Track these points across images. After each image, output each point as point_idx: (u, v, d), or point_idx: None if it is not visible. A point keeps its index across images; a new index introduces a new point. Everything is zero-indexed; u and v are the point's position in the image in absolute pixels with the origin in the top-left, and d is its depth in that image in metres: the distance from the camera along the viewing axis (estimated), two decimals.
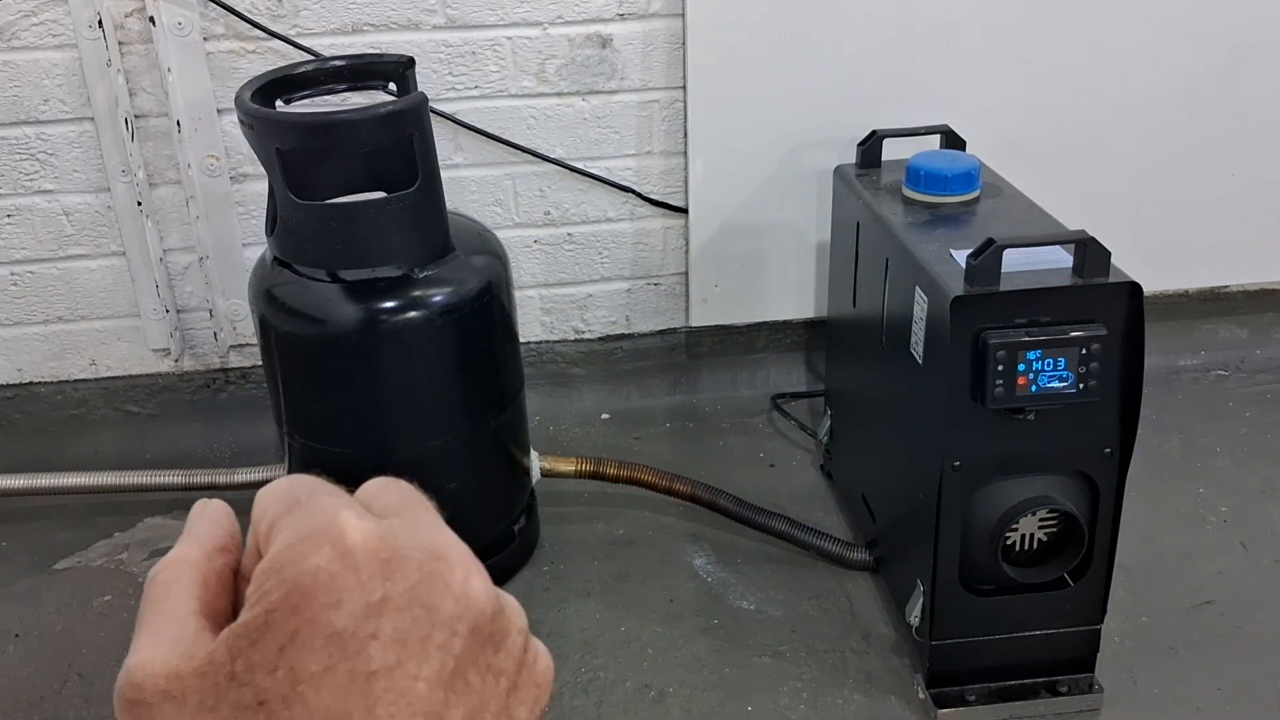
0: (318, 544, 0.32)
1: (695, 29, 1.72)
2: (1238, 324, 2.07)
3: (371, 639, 0.31)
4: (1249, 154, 1.91)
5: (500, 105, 1.77)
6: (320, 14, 1.68)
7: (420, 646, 0.31)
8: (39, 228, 1.77)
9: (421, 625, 0.31)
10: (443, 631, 0.32)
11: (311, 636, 0.30)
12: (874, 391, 1.53)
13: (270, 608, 0.31)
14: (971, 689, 1.34)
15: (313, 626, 0.30)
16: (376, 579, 0.31)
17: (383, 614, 0.31)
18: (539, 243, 1.88)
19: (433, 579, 0.32)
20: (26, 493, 1.70)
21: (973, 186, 1.43)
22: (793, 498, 1.72)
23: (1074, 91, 1.82)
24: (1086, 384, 1.17)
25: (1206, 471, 1.77)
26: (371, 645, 0.31)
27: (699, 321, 1.95)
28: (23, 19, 1.64)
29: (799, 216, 1.86)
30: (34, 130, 1.71)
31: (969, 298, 1.16)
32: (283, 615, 0.31)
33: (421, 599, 0.32)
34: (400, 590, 0.31)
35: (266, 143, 1.30)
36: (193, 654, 0.32)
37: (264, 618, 0.31)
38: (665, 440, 1.90)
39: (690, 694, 1.37)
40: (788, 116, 1.78)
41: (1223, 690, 1.36)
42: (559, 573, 1.59)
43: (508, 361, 1.50)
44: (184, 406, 1.91)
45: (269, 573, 0.32)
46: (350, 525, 0.32)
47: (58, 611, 1.54)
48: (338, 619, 0.31)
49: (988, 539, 1.25)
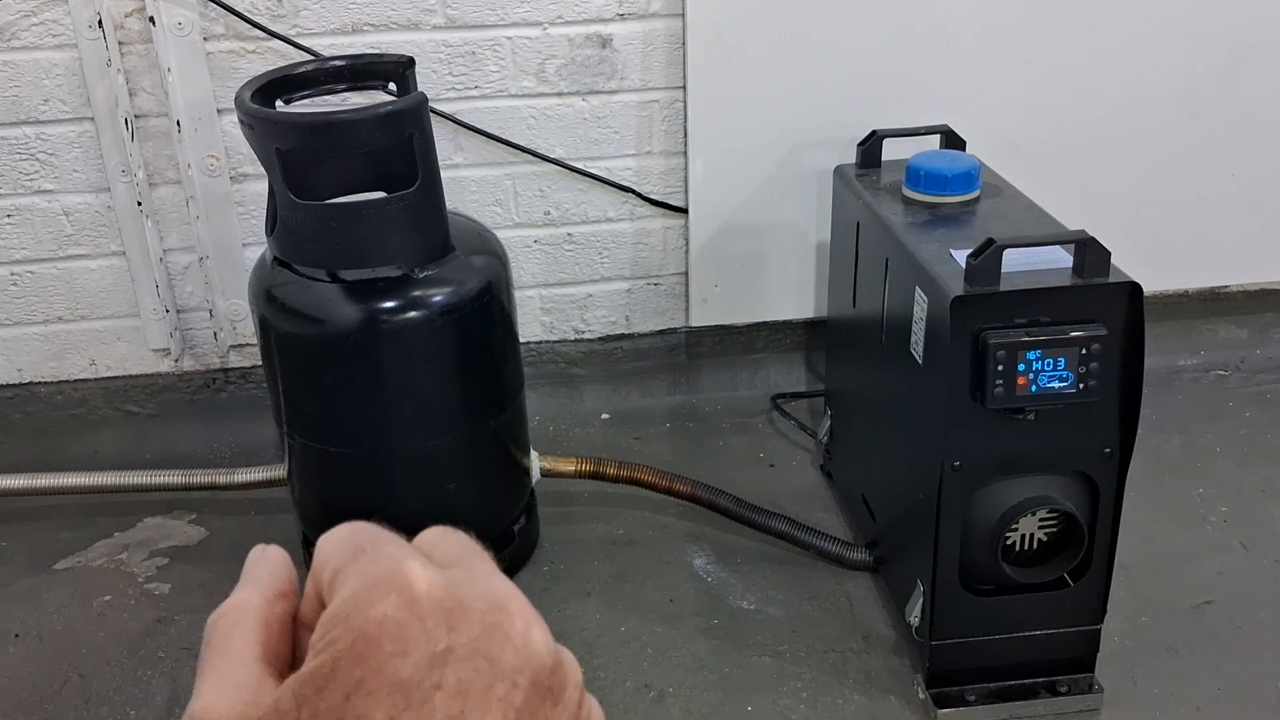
0: (384, 592, 0.32)
1: (695, 29, 1.72)
2: (1238, 324, 2.07)
3: (436, 689, 0.31)
4: (1249, 154, 1.91)
5: (500, 105, 1.77)
6: (320, 14, 1.68)
7: (482, 698, 0.31)
8: (39, 228, 1.77)
9: (484, 676, 0.31)
10: (504, 684, 0.32)
11: (378, 685, 0.30)
12: (874, 391, 1.53)
13: (337, 656, 0.31)
14: (971, 689, 1.34)
15: (379, 675, 0.30)
16: (441, 628, 0.31)
17: (447, 664, 0.31)
18: (539, 243, 1.88)
19: (495, 630, 0.32)
20: (26, 493, 1.70)
21: (973, 186, 1.43)
22: (793, 498, 1.72)
23: (1074, 91, 1.82)
24: (1086, 384, 1.17)
25: (1206, 471, 1.77)
26: (436, 696, 0.31)
27: (699, 321, 1.95)
28: (23, 19, 1.64)
29: (799, 216, 1.86)
30: (34, 130, 1.71)
31: (969, 298, 1.16)
32: (349, 663, 0.31)
33: (484, 650, 0.32)
34: (464, 641, 0.31)
35: (266, 143, 1.30)
36: (257, 701, 0.32)
37: (330, 665, 0.31)
38: (665, 440, 1.90)
39: (690, 694, 1.37)
40: (788, 116, 1.78)
41: (1223, 690, 1.36)
42: (559, 573, 1.59)
43: (508, 361, 1.50)
44: (184, 406, 1.91)
45: (335, 620, 0.32)
46: (416, 574, 0.32)
47: (58, 611, 1.54)
48: (404, 668, 0.31)
49: (988, 539, 1.25)
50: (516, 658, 0.32)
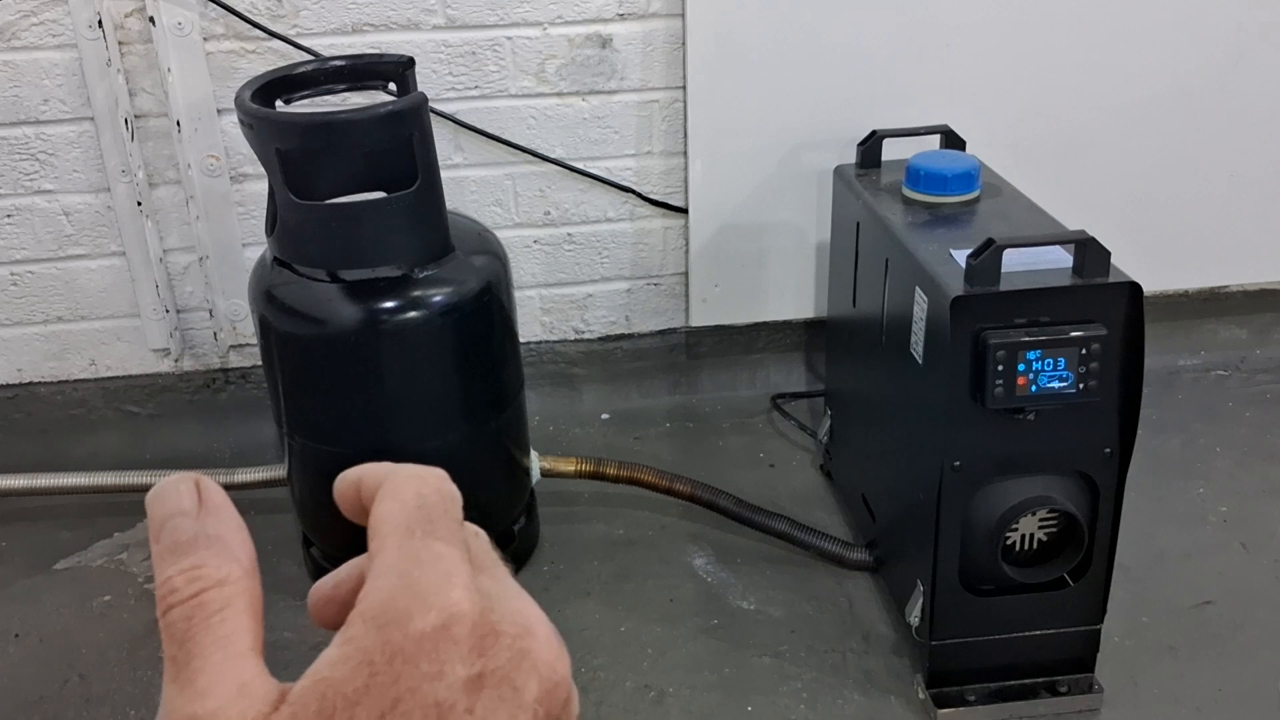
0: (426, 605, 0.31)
1: (695, 29, 1.72)
2: (1238, 324, 2.07)
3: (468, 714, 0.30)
4: (1248, 154, 1.91)
5: (500, 105, 1.77)
6: (320, 14, 1.68)
7: None
8: (39, 228, 1.77)
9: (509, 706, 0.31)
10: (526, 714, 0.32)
11: (412, 707, 0.30)
12: (874, 392, 1.53)
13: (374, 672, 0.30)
14: (971, 689, 1.34)
15: (414, 696, 0.30)
16: (475, 652, 0.31)
17: (479, 689, 0.31)
18: (539, 243, 1.88)
19: (522, 657, 0.32)
20: (26, 493, 1.70)
21: (973, 186, 1.43)
22: (793, 498, 1.72)
23: (1074, 91, 1.82)
24: (1086, 384, 1.17)
25: (1206, 471, 1.77)
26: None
27: (699, 321, 1.95)
28: (23, 19, 1.64)
29: (799, 216, 1.86)
30: (34, 130, 1.71)
31: (969, 298, 1.16)
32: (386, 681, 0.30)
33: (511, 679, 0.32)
34: (494, 667, 0.31)
35: (266, 143, 1.30)
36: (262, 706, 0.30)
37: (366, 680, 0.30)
38: (665, 440, 1.90)
39: (690, 694, 1.37)
40: (788, 116, 1.78)
41: (1223, 690, 1.36)
42: (559, 573, 1.59)
43: (508, 361, 1.50)
44: (184, 406, 1.91)
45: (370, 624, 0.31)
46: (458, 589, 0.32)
47: (58, 611, 1.54)
48: (439, 691, 0.30)
49: (988, 539, 1.25)
50: (539, 689, 0.32)
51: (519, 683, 0.32)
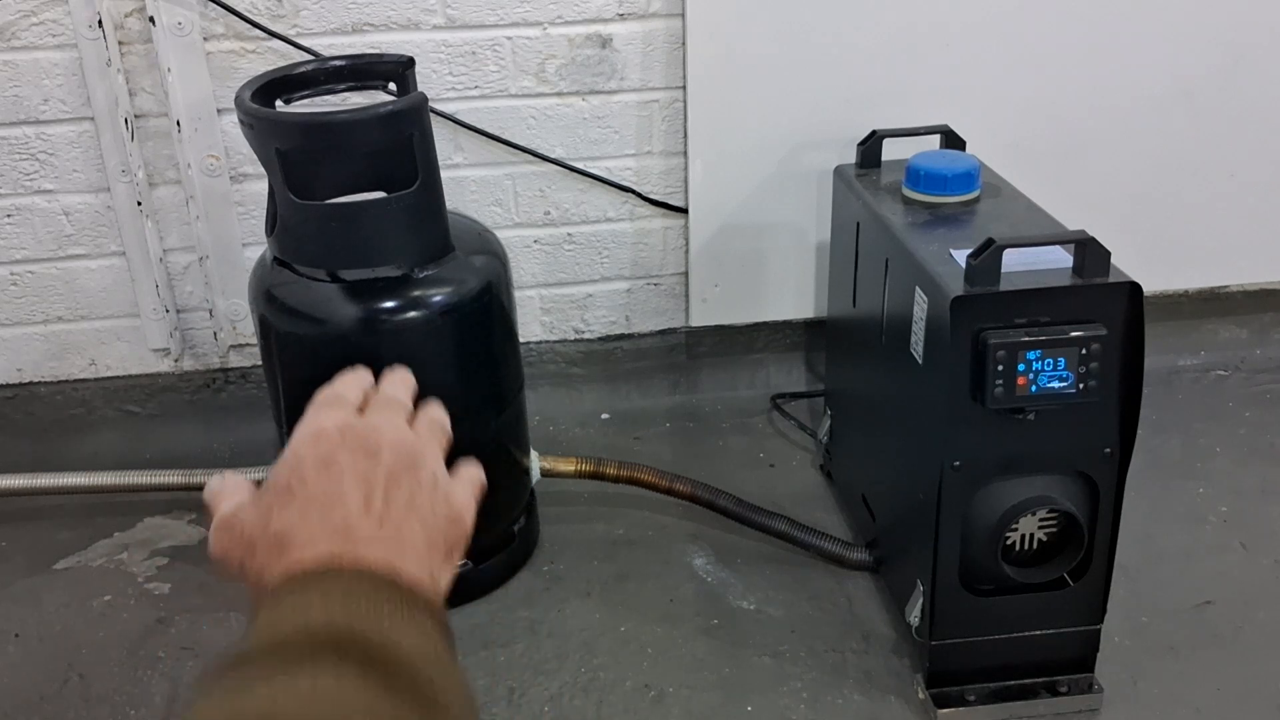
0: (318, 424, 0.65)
1: (695, 29, 1.72)
2: (1238, 324, 2.07)
3: None
4: (1249, 154, 1.91)
5: (500, 105, 1.77)
6: (320, 14, 1.68)
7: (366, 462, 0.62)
8: (39, 228, 1.77)
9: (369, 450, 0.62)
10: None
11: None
12: (874, 392, 1.53)
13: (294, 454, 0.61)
14: (971, 689, 1.34)
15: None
16: None
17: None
18: (539, 243, 1.88)
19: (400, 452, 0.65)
20: (26, 493, 1.70)
21: (973, 186, 1.43)
22: (793, 498, 1.72)
23: (1074, 91, 1.82)
24: (1086, 384, 1.17)
25: (1206, 471, 1.77)
26: None
27: (699, 321, 1.95)
28: (23, 19, 1.64)
29: (799, 216, 1.86)
30: (34, 130, 1.71)
31: (969, 298, 1.16)
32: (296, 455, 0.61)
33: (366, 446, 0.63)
34: None
35: (266, 143, 1.30)
36: None
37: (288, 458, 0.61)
38: (665, 440, 1.90)
39: (690, 694, 1.37)
40: (788, 116, 1.78)
41: (1223, 690, 1.36)
42: (559, 573, 1.59)
43: (507, 361, 1.50)
44: (184, 406, 1.91)
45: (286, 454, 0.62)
46: (341, 413, 0.67)
47: (57, 611, 1.54)
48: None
49: (988, 539, 1.25)
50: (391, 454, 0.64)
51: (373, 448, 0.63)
